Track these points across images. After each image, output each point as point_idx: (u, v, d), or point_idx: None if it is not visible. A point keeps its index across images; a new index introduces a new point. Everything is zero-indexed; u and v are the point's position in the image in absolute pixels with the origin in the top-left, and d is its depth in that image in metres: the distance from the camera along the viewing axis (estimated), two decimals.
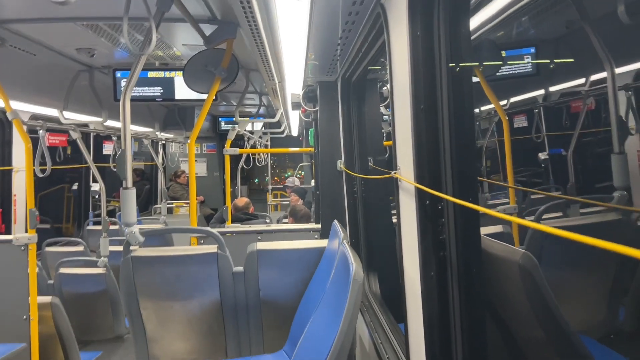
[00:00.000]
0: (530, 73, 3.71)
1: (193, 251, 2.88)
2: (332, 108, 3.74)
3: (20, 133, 3.32)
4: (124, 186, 2.35)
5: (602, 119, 5.26)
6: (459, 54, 1.38)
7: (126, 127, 2.30)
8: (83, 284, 4.59)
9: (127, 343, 4.84)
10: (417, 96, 1.44)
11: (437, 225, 1.45)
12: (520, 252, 1.59)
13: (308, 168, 10.17)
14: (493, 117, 5.83)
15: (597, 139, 5.64)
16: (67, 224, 8.25)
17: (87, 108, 4.90)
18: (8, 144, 4.97)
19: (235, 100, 7.14)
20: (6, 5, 2.72)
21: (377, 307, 2.90)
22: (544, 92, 5.20)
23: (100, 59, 4.14)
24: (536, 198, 4.72)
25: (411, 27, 1.44)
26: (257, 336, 2.90)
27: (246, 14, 2.29)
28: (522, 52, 3.72)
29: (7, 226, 5.05)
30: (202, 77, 3.11)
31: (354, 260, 1.80)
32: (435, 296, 1.46)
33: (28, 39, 3.35)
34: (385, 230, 3.41)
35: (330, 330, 1.77)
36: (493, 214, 1.01)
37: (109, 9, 2.88)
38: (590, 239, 0.69)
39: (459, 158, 1.39)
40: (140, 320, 2.84)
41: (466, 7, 1.44)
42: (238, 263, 2.88)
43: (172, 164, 10.37)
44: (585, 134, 5.41)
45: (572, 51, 4.10)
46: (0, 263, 3.42)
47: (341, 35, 2.48)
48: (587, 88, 4.28)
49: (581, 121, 4.49)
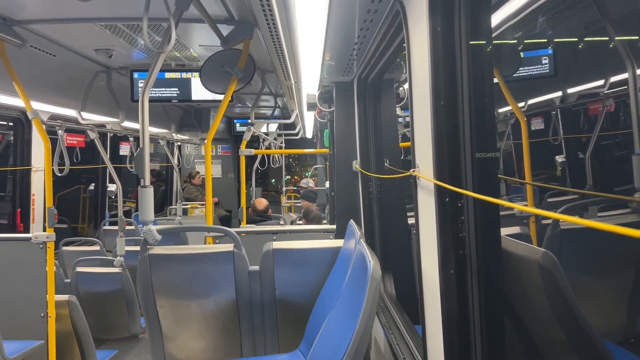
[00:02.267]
0: (548, 74, 3.67)
1: (210, 249, 2.89)
2: (348, 108, 3.73)
3: (40, 132, 3.36)
4: (142, 184, 2.37)
5: (622, 121, 5.18)
6: (480, 50, 1.37)
7: (144, 126, 2.31)
8: (99, 282, 4.63)
9: (142, 342, 4.87)
10: (437, 92, 1.42)
11: (457, 223, 1.43)
12: (540, 251, 1.56)
13: (322, 170, 10.17)
14: (509, 119, 5.79)
15: (616, 141, 5.56)
16: (83, 224, 8.34)
17: (105, 109, 4.95)
18: (27, 144, 5.03)
19: (250, 102, 7.17)
20: (26, 6, 2.76)
21: (392, 308, 2.89)
22: (562, 94, 5.14)
23: (118, 60, 4.18)
24: (553, 201, 4.67)
25: (431, 23, 1.43)
26: (272, 335, 2.89)
27: (265, 14, 2.30)
28: (539, 54, 3.68)
29: (26, 225, 5.11)
30: (218, 78, 3.12)
31: (371, 258, 1.79)
32: (454, 295, 1.45)
33: (48, 39, 3.39)
34: (401, 231, 3.39)
35: (346, 330, 1.76)
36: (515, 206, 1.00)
37: (128, 9, 2.91)
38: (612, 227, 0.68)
39: (479, 155, 1.38)
40: (157, 318, 2.85)
41: (487, 3, 1.43)
42: (253, 263, 2.88)
43: (188, 165, 10.43)
44: (604, 136, 5.34)
45: (590, 52, 4.05)
46: (19, 261, 3.46)
47: (358, 34, 2.48)
48: (607, 90, 4.22)
49: (600, 123, 4.43)
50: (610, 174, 5.78)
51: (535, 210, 1.10)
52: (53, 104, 4.54)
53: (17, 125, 5.09)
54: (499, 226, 1.46)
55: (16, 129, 5.14)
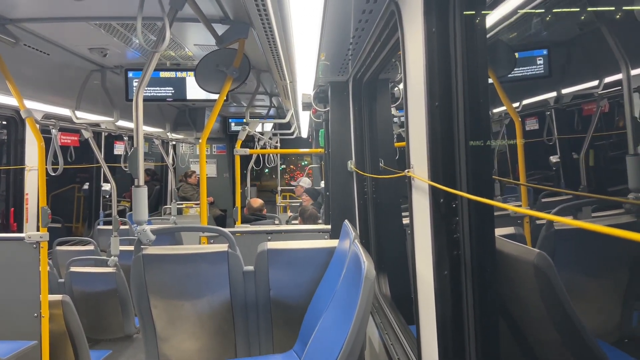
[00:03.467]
0: (542, 75, 3.68)
1: (204, 249, 2.88)
2: (343, 108, 3.73)
3: (33, 131, 3.34)
4: (136, 184, 2.36)
5: (615, 121, 5.20)
6: (475, 50, 1.37)
7: (139, 125, 2.31)
8: (93, 282, 4.62)
9: (136, 342, 4.85)
10: (432, 93, 1.42)
11: (451, 224, 1.43)
12: (534, 252, 1.56)
13: (317, 170, 10.16)
14: (503, 119, 5.80)
15: (610, 142, 5.58)
16: (77, 223, 8.30)
17: (99, 108, 4.94)
18: (21, 143, 5.00)
19: (245, 102, 7.16)
20: (20, 4, 2.74)
21: (387, 309, 2.89)
22: (556, 95, 5.16)
23: (112, 59, 4.17)
24: (547, 202, 4.68)
25: (426, 23, 1.43)
26: (267, 335, 2.89)
27: (260, 13, 2.30)
28: (534, 54, 3.69)
29: (19, 225, 5.09)
30: (213, 77, 3.12)
31: (365, 259, 1.79)
32: (448, 296, 1.45)
33: (41, 38, 3.38)
34: (396, 231, 3.39)
35: (341, 330, 1.76)
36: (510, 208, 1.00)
37: (122, 8, 2.90)
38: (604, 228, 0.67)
39: (474, 155, 1.37)
40: (151, 319, 2.84)
41: (482, 3, 1.43)
42: (248, 263, 2.88)
43: (182, 165, 10.41)
44: (598, 136, 5.36)
45: (585, 53, 4.07)
46: (13, 261, 3.44)
47: (354, 34, 2.48)
48: (601, 90, 4.23)
49: (594, 124, 4.45)
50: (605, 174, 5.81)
51: (529, 211, 1.09)
52: (47, 102, 4.52)
53: (11, 125, 5.06)
54: (493, 227, 1.46)
55: (9, 128, 5.11)
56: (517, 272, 1.63)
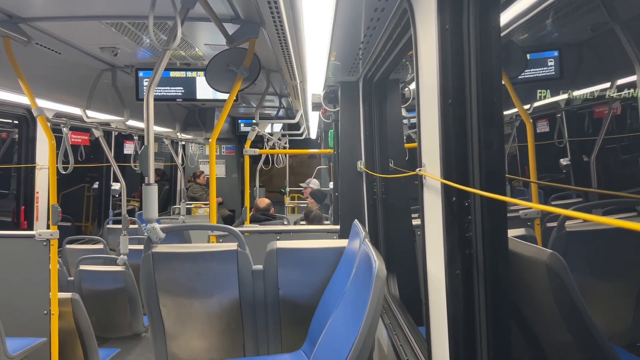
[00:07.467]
0: (554, 77, 3.65)
1: (213, 248, 2.88)
2: (353, 109, 3.72)
3: (44, 129, 3.36)
4: (147, 182, 2.37)
5: (628, 124, 5.15)
6: (489, 48, 1.35)
7: (149, 123, 2.32)
8: (102, 281, 4.63)
9: (144, 341, 4.86)
10: (445, 90, 1.41)
11: (463, 223, 1.42)
12: (547, 252, 1.55)
13: (325, 171, 10.15)
14: (514, 121, 5.76)
15: (622, 145, 5.53)
16: (87, 222, 8.35)
17: (110, 107, 4.97)
18: (32, 141, 5.04)
19: (255, 102, 7.18)
20: (33, 3, 2.76)
21: (396, 309, 2.87)
22: (567, 96, 5.12)
23: (123, 58, 4.18)
24: (557, 204, 4.65)
25: (440, 20, 1.42)
26: (275, 335, 2.88)
27: (272, 13, 2.30)
28: (545, 56, 3.67)
29: (29, 223, 5.12)
30: (223, 76, 3.12)
31: (376, 258, 1.78)
32: (460, 295, 1.43)
33: (53, 37, 3.40)
34: (405, 232, 3.37)
35: (350, 330, 1.75)
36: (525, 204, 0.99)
37: (134, 7, 2.91)
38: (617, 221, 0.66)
39: (487, 154, 1.36)
40: (160, 317, 2.84)
41: (496, 1, 1.42)
42: (257, 262, 2.87)
43: (192, 165, 10.44)
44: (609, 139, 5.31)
45: (597, 55, 4.03)
46: (23, 258, 3.47)
47: (365, 33, 2.47)
48: (614, 92, 4.19)
49: (606, 126, 4.41)
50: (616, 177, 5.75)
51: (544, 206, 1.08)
52: (58, 101, 4.55)
53: (22, 123, 5.11)
54: (506, 226, 1.44)
55: (21, 126, 5.16)
56: (529, 273, 1.62)
